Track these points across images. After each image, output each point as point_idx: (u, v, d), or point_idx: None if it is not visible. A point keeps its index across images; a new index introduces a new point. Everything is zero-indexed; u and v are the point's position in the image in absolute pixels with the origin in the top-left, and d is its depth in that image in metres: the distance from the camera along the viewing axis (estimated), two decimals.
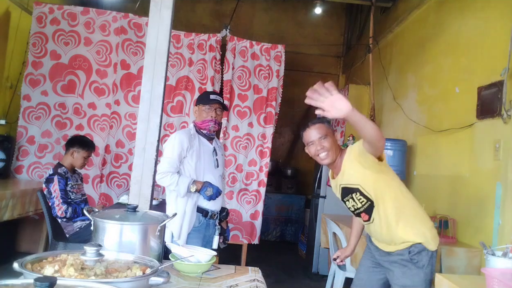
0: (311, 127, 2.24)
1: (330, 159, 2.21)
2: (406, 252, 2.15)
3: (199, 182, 2.58)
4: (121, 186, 4.59)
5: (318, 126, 2.23)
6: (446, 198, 3.48)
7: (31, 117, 4.59)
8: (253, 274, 1.80)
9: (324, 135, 2.20)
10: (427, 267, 2.14)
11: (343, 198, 2.31)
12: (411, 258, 2.14)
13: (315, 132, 2.22)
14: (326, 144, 2.19)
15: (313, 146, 2.23)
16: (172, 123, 4.66)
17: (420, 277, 2.14)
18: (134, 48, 4.68)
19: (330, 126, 2.26)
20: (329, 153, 2.20)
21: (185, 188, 2.54)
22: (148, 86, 1.93)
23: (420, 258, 2.13)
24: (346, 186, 2.24)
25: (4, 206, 3.56)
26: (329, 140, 2.20)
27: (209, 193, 2.56)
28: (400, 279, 2.17)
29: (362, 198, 2.18)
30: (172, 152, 2.57)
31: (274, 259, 5.58)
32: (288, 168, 7.34)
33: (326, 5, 7.24)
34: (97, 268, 1.17)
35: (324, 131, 2.21)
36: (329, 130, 2.24)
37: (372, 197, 2.15)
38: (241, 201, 4.68)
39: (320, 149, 2.19)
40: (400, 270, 2.17)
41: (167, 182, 2.55)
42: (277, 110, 4.80)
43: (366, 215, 2.22)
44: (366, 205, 2.19)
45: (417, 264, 2.14)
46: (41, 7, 4.65)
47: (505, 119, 2.75)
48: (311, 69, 7.62)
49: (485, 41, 3.18)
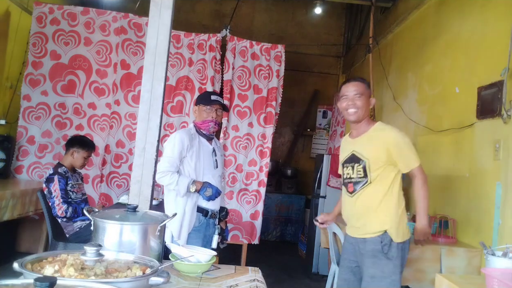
0: (351, 82, 2.34)
1: (356, 117, 2.29)
2: (378, 242, 2.22)
3: (199, 183, 2.58)
4: (121, 186, 4.59)
5: (357, 84, 2.33)
6: (446, 198, 3.48)
7: (31, 117, 4.59)
8: (253, 274, 1.80)
9: (360, 94, 2.29)
10: (397, 259, 2.21)
11: (345, 163, 2.38)
12: (382, 248, 2.21)
13: (352, 88, 2.31)
14: (358, 102, 2.28)
15: (345, 100, 2.31)
16: (172, 123, 4.66)
17: (389, 268, 2.20)
18: (134, 48, 4.68)
19: (368, 88, 2.35)
20: (358, 111, 2.28)
21: (184, 188, 2.54)
22: (148, 86, 1.93)
23: (390, 249, 2.21)
24: (356, 154, 2.31)
25: (4, 206, 3.56)
26: (362, 100, 2.28)
27: (208, 193, 2.57)
28: (370, 269, 2.24)
29: (361, 171, 2.27)
30: (172, 151, 2.57)
31: (274, 259, 5.58)
32: (288, 168, 7.34)
33: (326, 5, 7.24)
34: (97, 268, 1.17)
35: (361, 90, 2.30)
36: (366, 91, 2.32)
37: (372, 177, 2.24)
38: (241, 201, 4.68)
39: (351, 104, 2.28)
40: (371, 260, 2.25)
41: (167, 181, 2.55)
42: (277, 110, 4.79)
43: (353, 187, 2.31)
44: (360, 179, 2.28)
45: (387, 255, 2.21)
46: (41, 7, 4.65)
47: (505, 119, 2.75)
48: (311, 69, 7.63)
49: (485, 41, 3.18)
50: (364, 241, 2.28)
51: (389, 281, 2.19)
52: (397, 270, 2.21)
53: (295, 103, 7.63)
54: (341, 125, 6.00)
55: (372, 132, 2.30)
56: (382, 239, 2.22)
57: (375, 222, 2.26)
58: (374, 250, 2.23)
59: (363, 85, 2.33)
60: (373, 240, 2.24)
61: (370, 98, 2.36)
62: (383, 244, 2.21)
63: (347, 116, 2.33)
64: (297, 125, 7.72)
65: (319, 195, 5.10)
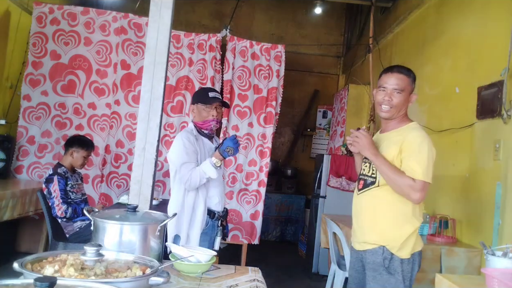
0: (395, 73, 2.03)
1: (389, 115, 2.04)
2: (379, 254, 2.00)
3: (217, 154, 2.47)
4: (121, 186, 4.59)
5: (401, 76, 2.02)
6: (446, 198, 3.48)
7: (31, 117, 4.58)
8: (253, 274, 1.80)
9: (401, 89, 2.01)
10: (400, 274, 1.98)
11: (366, 158, 2.14)
12: (383, 262, 1.99)
13: (393, 81, 2.02)
14: (395, 100, 2.01)
15: (382, 92, 2.04)
16: (172, 123, 4.66)
17: (390, 284, 1.97)
18: (134, 48, 4.68)
19: (413, 83, 2.05)
20: (392, 109, 2.02)
21: (211, 169, 2.43)
22: (148, 86, 1.93)
23: (392, 263, 1.99)
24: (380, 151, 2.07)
25: (4, 206, 3.56)
26: (401, 97, 2.01)
27: (230, 152, 2.44)
28: (370, 284, 2.04)
29: (375, 171, 2.05)
30: (186, 153, 2.48)
31: (274, 259, 5.58)
32: (288, 168, 7.34)
33: (326, 5, 7.24)
34: (97, 268, 1.17)
35: (403, 85, 2.01)
36: (409, 87, 2.03)
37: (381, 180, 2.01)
38: (241, 201, 4.68)
39: (387, 100, 2.01)
40: (371, 274, 2.04)
41: (197, 179, 2.43)
42: (277, 110, 4.79)
43: (363, 185, 2.12)
44: (370, 179, 2.07)
45: (388, 269, 1.99)
46: (41, 7, 4.65)
47: (505, 119, 2.75)
48: (311, 69, 7.63)
49: (485, 41, 3.18)
50: (365, 252, 2.07)
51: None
52: (401, 285, 1.96)
53: (295, 103, 7.63)
54: (341, 125, 6.00)
55: (401, 130, 2.04)
56: (383, 251, 1.99)
57: (374, 231, 2.05)
58: (374, 263, 2.01)
59: (407, 80, 2.02)
60: (373, 252, 2.02)
61: (411, 94, 2.06)
62: (384, 257, 1.99)
63: (379, 111, 2.07)
64: (297, 125, 7.72)
65: (319, 195, 5.10)
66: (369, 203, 2.09)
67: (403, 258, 1.99)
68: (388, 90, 2.03)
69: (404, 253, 1.99)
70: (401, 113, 2.07)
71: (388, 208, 2.03)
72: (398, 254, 1.99)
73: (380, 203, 2.05)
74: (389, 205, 2.02)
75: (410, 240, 2.00)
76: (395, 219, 2.02)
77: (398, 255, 1.99)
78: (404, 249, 1.99)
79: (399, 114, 2.07)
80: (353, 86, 5.96)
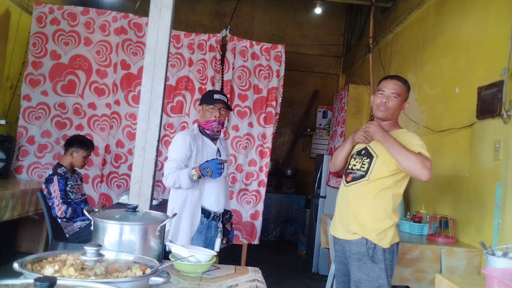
0: (393, 80, 2.30)
1: (384, 115, 2.26)
2: (363, 244, 2.16)
3: (197, 168, 2.48)
4: (121, 186, 4.59)
5: (399, 84, 2.28)
6: (446, 198, 3.48)
7: (31, 117, 4.59)
8: (253, 274, 1.80)
9: (397, 94, 2.25)
10: (383, 262, 2.15)
11: (355, 155, 2.34)
12: (367, 251, 2.15)
13: (392, 86, 2.27)
14: (391, 102, 2.25)
15: (381, 96, 2.27)
16: (172, 123, 4.67)
17: (375, 272, 2.14)
18: (134, 48, 4.68)
19: (407, 92, 2.31)
20: (388, 111, 2.25)
21: (186, 180, 2.46)
22: (148, 86, 1.93)
23: (375, 252, 2.15)
24: (369, 149, 2.28)
25: (4, 206, 3.56)
26: (396, 101, 2.25)
27: (209, 173, 2.44)
28: (356, 273, 2.19)
29: (365, 166, 2.22)
30: (176, 152, 2.54)
31: (274, 259, 5.58)
32: (288, 168, 7.35)
33: (326, 5, 7.24)
34: (97, 268, 1.17)
35: (399, 91, 2.26)
36: (404, 94, 2.29)
37: (372, 176, 2.19)
38: (241, 201, 4.68)
39: (385, 103, 2.25)
40: (356, 264, 2.19)
41: (171, 181, 2.50)
42: (277, 110, 4.79)
43: (351, 178, 2.27)
44: (360, 173, 2.23)
45: (372, 258, 2.15)
46: (41, 7, 4.65)
47: (505, 119, 2.75)
48: (311, 69, 7.63)
49: (485, 41, 3.18)
50: (349, 243, 2.22)
51: (376, 286, 2.12)
52: (383, 273, 2.14)
53: (295, 103, 7.64)
54: (341, 125, 6.00)
55: (394, 133, 2.22)
56: (367, 241, 2.16)
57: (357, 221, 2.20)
58: (359, 253, 2.17)
59: (403, 87, 2.28)
60: (357, 242, 2.18)
61: (405, 102, 2.31)
62: (368, 247, 2.15)
63: (375, 111, 2.29)
64: (297, 125, 7.72)
65: (319, 195, 5.10)
66: (355, 196, 2.24)
67: (385, 248, 2.16)
68: (386, 94, 2.27)
69: (384, 242, 2.17)
70: (394, 117, 2.30)
71: (372, 203, 2.19)
72: (380, 244, 2.16)
73: (365, 197, 2.21)
74: (374, 199, 2.19)
75: (389, 232, 2.19)
76: (376, 212, 2.19)
77: (380, 245, 2.16)
78: (384, 239, 2.17)
79: (393, 117, 2.30)
80: (353, 86, 5.96)
